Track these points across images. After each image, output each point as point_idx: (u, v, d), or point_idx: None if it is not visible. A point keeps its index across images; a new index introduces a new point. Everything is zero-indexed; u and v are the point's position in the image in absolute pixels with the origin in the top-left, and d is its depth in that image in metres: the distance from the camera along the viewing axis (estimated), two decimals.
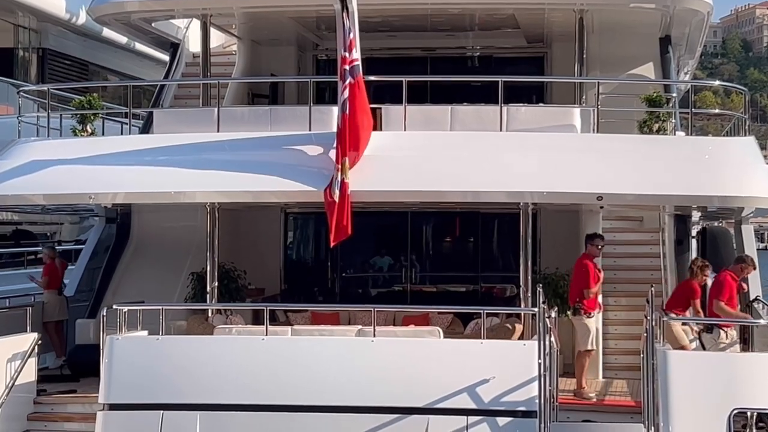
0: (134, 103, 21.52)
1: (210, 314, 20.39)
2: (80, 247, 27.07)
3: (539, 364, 15.82)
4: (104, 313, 17.73)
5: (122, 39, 30.34)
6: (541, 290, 16.73)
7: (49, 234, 33.09)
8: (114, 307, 17.84)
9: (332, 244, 18.06)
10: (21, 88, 22.65)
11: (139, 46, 31.75)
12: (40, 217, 31.39)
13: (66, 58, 33.43)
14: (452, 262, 25.75)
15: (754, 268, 19.40)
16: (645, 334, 16.84)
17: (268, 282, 24.43)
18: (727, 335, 17.91)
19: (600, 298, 19.78)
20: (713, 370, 15.99)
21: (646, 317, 17.05)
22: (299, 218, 25.91)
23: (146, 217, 24.03)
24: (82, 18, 28.36)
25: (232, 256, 22.45)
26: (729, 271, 18.68)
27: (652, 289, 16.61)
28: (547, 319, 16.62)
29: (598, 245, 19.74)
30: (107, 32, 28.51)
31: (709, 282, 19.17)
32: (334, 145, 17.85)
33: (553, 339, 16.97)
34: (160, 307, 17.75)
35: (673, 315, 18.29)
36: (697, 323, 18.49)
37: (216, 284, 20.77)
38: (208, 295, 20.65)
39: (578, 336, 19.36)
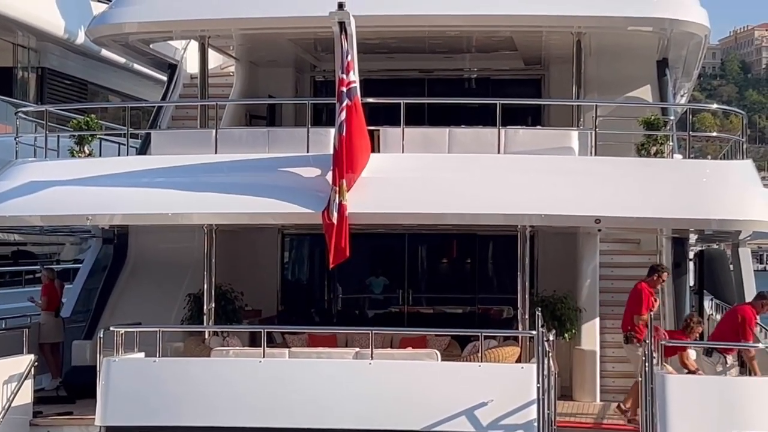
0: (133, 124, 21.53)
1: (207, 336, 20.34)
2: (79, 266, 27.01)
3: (538, 387, 15.79)
4: (101, 335, 17.72)
5: (122, 59, 30.36)
6: (539, 313, 16.71)
7: (50, 254, 33.03)
8: (111, 328, 17.82)
9: (331, 266, 18.06)
10: (19, 110, 22.64)
11: (139, 66, 31.77)
12: (42, 237, 31.34)
13: (65, 78, 33.47)
14: (449, 283, 25.71)
15: None
16: (643, 358, 16.80)
17: (265, 303, 24.38)
18: (726, 360, 17.85)
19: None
20: (712, 395, 15.98)
21: (644, 341, 17.03)
22: (296, 239, 25.86)
23: (143, 238, 23.99)
24: (81, 38, 28.41)
25: (229, 277, 22.40)
26: (749, 306, 18.68)
27: (651, 312, 16.59)
28: (545, 342, 16.59)
29: (662, 277, 19.25)
30: (106, 52, 28.55)
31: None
32: (331, 167, 17.86)
33: (551, 362, 16.94)
34: (157, 329, 17.71)
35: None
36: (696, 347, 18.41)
37: (213, 306, 20.70)
38: (204, 317, 20.59)
39: (633, 366, 18.85)
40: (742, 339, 18.08)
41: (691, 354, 18.00)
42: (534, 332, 16.85)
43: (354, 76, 17.96)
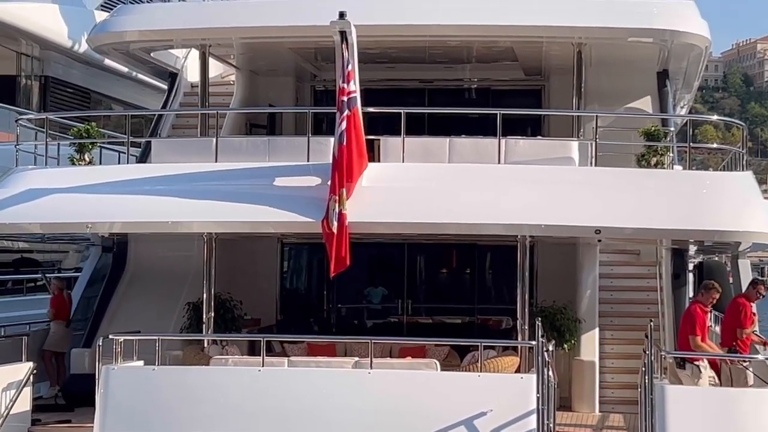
0: (135, 132, 21.53)
1: (206, 345, 20.33)
2: (79, 274, 27.01)
3: (537, 397, 15.78)
4: (100, 343, 17.72)
5: (124, 67, 30.44)
6: (539, 323, 16.71)
7: (52, 262, 33.02)
8: (110, 336, 17.81)
9: (332, 275, 18.07)
10: (19, 117, 22.65)
11: (142, 75, 31.84)
12: (45, 245, 31.33)
13: (68, 86, 33.50)
14: (448, 293, 25.69)
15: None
16: (643, 369, 16.79)
17: (264, 312, 24.37)
18: (700, 369, 17.74)
19: None
20: (712, 406, 15.96)
21: (644, 351, 17.01)
22: (295, 248, 25.86)
23: (143, 246, 23.99)
24: (84, 46, 28.44)
25: (228, 286, 22.39)
26: (741, 296, 18.74)
27: (651, 323, 16.59)
28: (545, 353, 16.58)
29: (761, 292, 19.04)
30: (109, 60, 28.60)
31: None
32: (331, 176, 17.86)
33: (550, 372, 16.93)
34: (157, 337, 17.72)
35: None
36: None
37: (212, 314, 20.69)
38: (203, 326, 20.58)
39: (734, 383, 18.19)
40: (739, 328, 18.27)
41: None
42: (534, 342, 16.83)
43: (354, 86, 17.98)
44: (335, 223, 17.52)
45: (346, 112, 17.86)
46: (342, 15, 17.75)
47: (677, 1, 22.18)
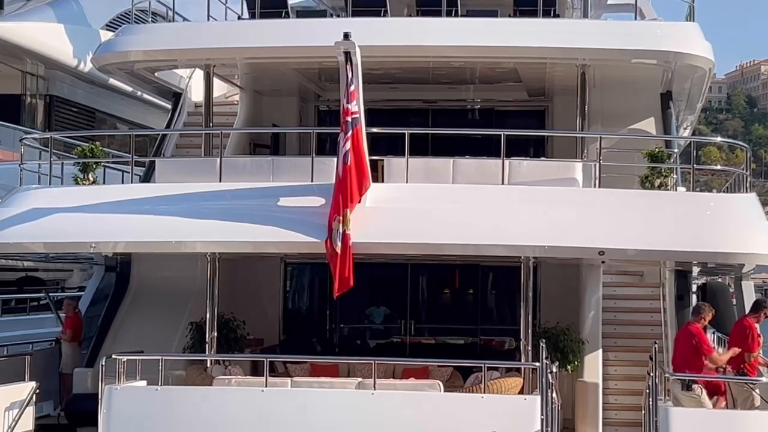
0: (140, 151, 21.57)
1: (209, 365, 20.30)
2: (82, 294, 27.04)
3: (542, 419, 15.75)
4: (103, 362, 17.69)
5: (129, 87, 30.55)
6: (543, 345, 16.69)
7: (56, 281, 33.03)
8: (113, 356, 17.80)
9: (336, 296, 18.06)
10: (23, 137, 22.69)
11: (146, 94, 31.96)
12: (50, 263, 31.35)
13: (73, 105, 33.63)
14: (451, 314, 25.68)
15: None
16: (647, 390, 16.76)
17: (267, 332, 24.34)
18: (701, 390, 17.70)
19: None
20: (717, 428, 15.92)
21: (648, 373, 16.99)
22: (298, 268, 25.86)
23: (146, 266, 23.96)
24: (89, 65, 28.56)
25: (231, 305, 22.38)
26: (747, 317, 18.75)
27: (656, 345, 16.57)
28: (548, 374, 16.56)
29: (766, 312, 18.98)
30: (114, 80, 28.72)
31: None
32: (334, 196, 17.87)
33: (554, 394, 16.90)
34: (160, 357, 17.71)
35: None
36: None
37: (215, 334, 20.68)
38: (207, 345, 20.56)
39: (739, 404, 18.20)
40: (747, 351, 18.14)
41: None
42: (538, 364, 16.82)
43: (358, 106, 18.01)
44: (339, 244, 17.53)
45: (349, 133, 17.88)
46: (347, 36, 17.79)
47: (681, 23, 22.27)
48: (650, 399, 16.37)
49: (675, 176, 20.54)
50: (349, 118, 17.97)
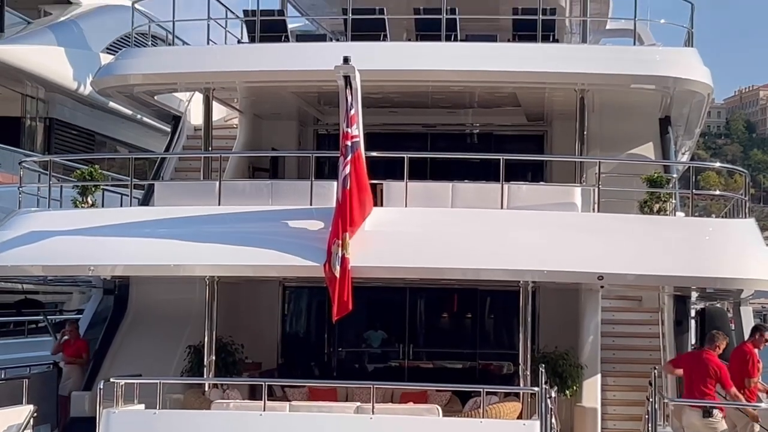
0: (139, 174, 21.57)
1: (207, 388, 20.25)
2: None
3: None
4: (101, 386, 17.60)
5: (128, 110, 30.60)
6: (543, 369, 16.66)
7: (56, 303, 32.98)
8: (111, 379, 17.73)
9: (334, 320, 18.03)
10: (22, 160, 22.70)
11: (146, 117, 31.99)
12: (50, 286, 31.31)
13: (73, 128, 33.67)
14: (450, 338, 25.65)
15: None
16: (646, 416, 16.72)
17: (266, 356, 24.30)
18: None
19: None
20: None
21: (647, 399, 16.95)
22: (297, 292, 25.82)
23: (144, 289, 23.93)
24: (89, 88, 28.62)
25: (230, 329, 22.34)
26: (747, 343, 18.74)
27: (655, 370, 16.53)
28: (547, 399, 16.52)
29: (764, 336, 19.06)
30: (114, 103, 28.78)
31: None
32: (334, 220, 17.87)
33: (553, 419, 16.86)
34: (158, 381, 17.64)
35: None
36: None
37: (213, 358, 20.64)
38: (205, 369, 20.51)
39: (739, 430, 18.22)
40: (747, 377, 18.15)
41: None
42: (537, 388, 16.78)
43: (358, 130, 18.03)
44: (338, 267, 17.52)
45: (349, 156, 17.90)
46: (346, 60, 17.81)
47: (680, 48, 22.34)
48: (649, 424, 16.32)
49: (674, 201, 20.53)
50: (348, 142, 17.98)
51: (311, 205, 19.37)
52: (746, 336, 20.96)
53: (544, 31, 22.48)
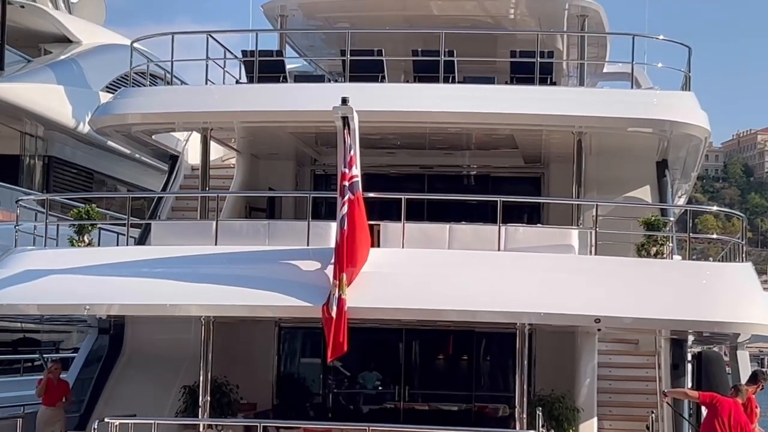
0: (137, 213, 21.53)
1: (202, 429, 20.13)
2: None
3: None
4: (95, 426, 17.56)
5: (126, 149, 30.64)
6: (540, 413, 16.59)
7: (54, 342, 32.84)
8: (105, 419, 17.67)
9: (329, 361, 17.97)
10: (19, 199, 22.69)
11: (144, 156, 32.04)
12: (47, 324, 31.21)
13: (71, 166, 33.71)
14: (446, 379, 25.55)
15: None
16: None
17: (261, 396, 24.17)
18: None
19: None
20: None
21: None
22: (292, 332, 25.73)
23: (140, 329, 23.85)
24: (88, 127, 28.70)
25: (225, 369, 22.26)
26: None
27: (653, 414, 16.47)
28: None
29: (761, 385, 19.15)
30: (112, 141, 28.82)
31: None
32: (332, 261, 17.83)
33: None
34: (152, 421, 17.58)
35: None
36: None
37: (208, 398, 20.55)
38: (200, 410, 20.41)
39: None
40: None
41: None
42: (533, 431, 16.71)
43: (356, 171, 18.03)
44: (334, 308, 17.47)
45: (347, 197, 17.88)
46: (345, 101, 17.85)
47: (677, 92, 22.41)
48: None
49: (671, 244, 20.55)
50: (347, 183, 17.98)
51: (308, 245, 19.35)
52: (743, 380, 20.90)
53: (541, 74, 22.57)
